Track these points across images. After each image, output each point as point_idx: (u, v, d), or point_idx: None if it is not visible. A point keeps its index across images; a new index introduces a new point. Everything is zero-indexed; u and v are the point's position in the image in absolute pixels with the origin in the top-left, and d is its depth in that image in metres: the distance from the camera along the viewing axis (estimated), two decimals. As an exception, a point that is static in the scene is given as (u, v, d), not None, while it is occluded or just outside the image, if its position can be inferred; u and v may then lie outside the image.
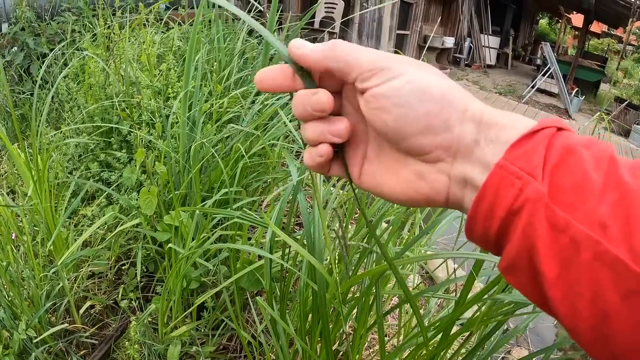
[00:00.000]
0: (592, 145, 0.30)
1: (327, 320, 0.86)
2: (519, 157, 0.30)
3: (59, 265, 1.41)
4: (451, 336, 0.92)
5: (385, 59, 0.35)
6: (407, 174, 0.37)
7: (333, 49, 0.36)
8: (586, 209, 0.27)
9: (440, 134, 0.33)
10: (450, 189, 0.35)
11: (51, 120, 2.62)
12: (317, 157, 0.38)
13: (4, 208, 1.55)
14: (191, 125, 1.55)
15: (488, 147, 0.32)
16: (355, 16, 8.02)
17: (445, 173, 0.34)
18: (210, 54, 2.19)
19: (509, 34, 14.85)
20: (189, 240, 1.22)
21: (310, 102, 0.36)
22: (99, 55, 2.19)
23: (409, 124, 0.33)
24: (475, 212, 0.31)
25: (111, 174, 1.86)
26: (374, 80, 0.34)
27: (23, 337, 1.31)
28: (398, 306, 1.11)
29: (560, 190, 0.28)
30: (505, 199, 0.30)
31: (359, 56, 0.35)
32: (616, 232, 0.26)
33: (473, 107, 0.34)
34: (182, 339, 1.34)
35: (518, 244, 0.29)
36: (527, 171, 0.29)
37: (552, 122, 0.32)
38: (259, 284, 1.20)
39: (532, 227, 0.28)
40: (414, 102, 0.33)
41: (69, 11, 4.10)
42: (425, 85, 0.33)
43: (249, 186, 1.74)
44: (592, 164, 0.29)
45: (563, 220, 0.27)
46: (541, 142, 0.30)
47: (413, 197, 0.37)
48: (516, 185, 0.29)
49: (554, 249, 0.28)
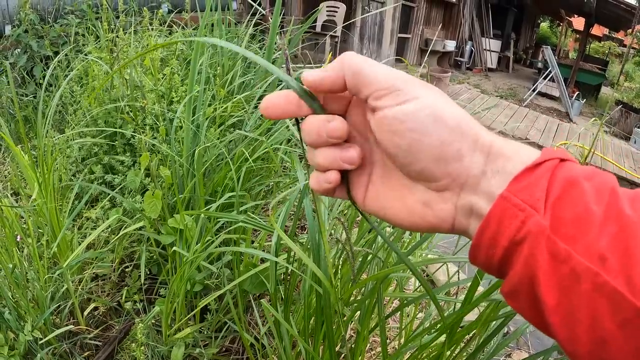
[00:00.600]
0: (593, 177, 0.31)
1: (331, 322, 0.87)
2: (522, 189, 0.31)
3: (64, 268, 1.42)
4: (457, 334, 0.93)
5: (398, 78, 0.35)
6: (414, 201, 0.37)
7: (349, 62, 0.36)
8: (586, 241, 0.28)
9: (451, 164, 0.34)
10: (456, 218, 0.35)
11: (54, 123, 2.64)
12: (325, 184, 0.38)
13: (8, 210, 1.57)
14: (195, 129, 1.57)
15: (494, 179, 0.33)
16: (356, 20, 8.04)
17: (452, 202, 0.35)
18: (213, 58, 2.20)
19: (510, 37, 14.86)
20: (194, 243, 1.24)
21: (326, 129, 0.37)
22: (103, 59, 2.21)
23: (422, 151, 0.34)
24: (479, 240, 0.32)
25: (114, 176, 1.88)
26: (388, 100, 0.34)
27: (29, 338, 1.32)
28: (399, 309, 1.12)
29: (562, 222, 0.29)
30: (509, 230, 0.31)
31: (374, 71, 0.35)
32: (615, 264, 0.27)
33: (483, 137, 0.34)
34: (186, 341, 1.35)
35: (520, 272, 0.30)
36: (530, 204, 0.30)
37: (555, 153, 0.33)
38: (262, 286, 1.21)
39: (533, 258, 0.29)
40: (430, 129, 0.33)
41: (73, 14, 4.12)
42: (440, 112, 0.34)
43: (252, 190, 1.75)
44: (594, 196, 0.30)
45: (564, 251, 0.28)
46: (544, 175, 0.31)
47: (418, 223, 0.37)
48: (519, 217, 0.30)
49: (555, 279, 0.29)
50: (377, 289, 0.89)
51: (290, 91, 0.38)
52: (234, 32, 2.65)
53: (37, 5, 4.17)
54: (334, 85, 0.36)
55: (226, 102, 1.80)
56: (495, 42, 13.57)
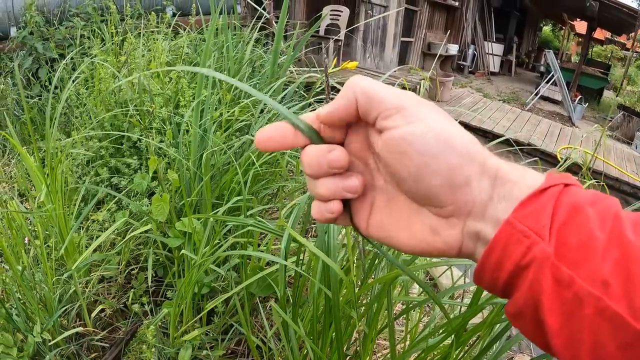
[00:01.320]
0: (597, 202, 0.32)
1: (340, 323, 0.89)
2: (527, 215, 0.31)
3: (73, 270, 1.44)
4: (464, 336, 0.94)
5: (407, 98, 0.35)
6: (421, 227, 0.37)
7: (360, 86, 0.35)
8: (590, 267, 0.29)
9: (459, 189, 0.34)
10: (464, 243, 0.36)
11: (60, 125, 2.65)
12: (327, 214, 0.38)
13: (17, 214, 1.58)
14: (202, 133, 1.58)
15: (500, 204, 0.33)
16: (360, 23, 8.06)
17: (459, 228, 0.35)
18: (218, 62, 2.22)
19: (513, 41, 14.87)
20: (202, 247, 1.25)
21: (327, 160, 0.36)
22: (110, 62, 2.23)
23: (430, 175, 0.34)
24: (484, 264, 0.33)
25: (121, 179, 1.89)
26: (396, 120, 0.34)
27: (38, 340, 1.33)
28: (405, 312, 1.13)
29: (566, 248, 0.30)
30: (514, 255, 0.31)
31: (384, 91, 0.35)
32: (617, 289, 0.28)
33: (490, 161, 0.35)
34: (193, 343, 1.37)
35: (524, 296, 0.31)
36: (535, 231, 0.31)
37: (560, 178, 0.33)
38: (269, 289, 1.22)
39: (538, 283, 0.30)
40: (438, 152, 0.33)
41: (78, 16, 4.14)
42: (449, 135, 0.34)
43: (258, 194, 1.76)
44: (597, 221, 0.30)
45: (568, 277, 0.29)
46: (549, 201, 0.32)
47: (425, 249, 0.37)
48: (524, 243, 0.31)
49: (558, 303, 0.30)
50: (385, 291, 0.91)
51: (285, 122, 0.38)
52: (239, 36, 2.66)
53: (42, 8, 4.19)
54: (348, 113, 0.36)
55: (232, 107, 1.81)
56: (497, 45, 13.59)
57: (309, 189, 0.39)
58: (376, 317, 1.02)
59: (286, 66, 1.98)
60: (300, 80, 1.84)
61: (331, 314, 0.94)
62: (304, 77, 1.80)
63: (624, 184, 6.65)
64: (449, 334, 0.96)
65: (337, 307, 0.86)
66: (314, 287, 1.00)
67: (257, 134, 0.38)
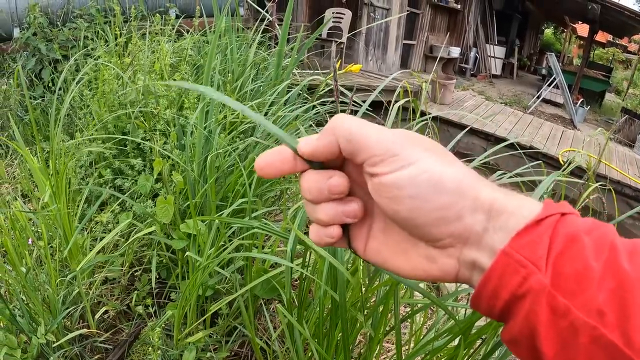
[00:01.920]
0: (594, 230, 0.32)
1: (347, 325, 0.89)
2: (524, 246, 0.32)
3: (77, 271, 1.44)
4: (470, 337, 0.94)
5: (394, 142, 0.34)
6: (417, 256, 0.37)
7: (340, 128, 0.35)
8: (585, 297, 0.29)
9: (452, 224, 0.34)
10: (460, 271, 0.36)
11: (63, 126, 2.65)
12: (326, 238, 0.38)
13: (21, 215, 1.59)
14: (206, 135, 1.59)
15: (497, 235, 0.33)
16: (362, 27, 8.07)
17: (455, 257, 0.35)
18: (222, 64, 2.22)
19: (515, 44, 14.88)
20: (207, 249, 1.25)
21: (327, 186, 0.36)
22: (114, 63, 2.23)
23: (423, 216, 0.34)
24: (481, 292, 0.34)
25: (124, 180, 1.89)
26: (384, 166, 0.34)
27: (42, 341, 1.33)
28: (410, 315, 1.13)
29: (562, 278, 0.30)
30: (510, 285, 0.32)
31: (367, 135, 0.34)
32: (612, 318, 0.28)
33: (484, 194, 0.34)
34: (197, 345, 1.37)
35: (520, 324, 0.32)
36: (532, 261, 0.31)
37: (557, 208, 0.33)
38: (274, 291, 1.22)
39: (534, 313, 0.31)
40: (429, 194, 0.33)
41: (81, 17, 4.15)
42: (439, 176, 0.34)
43: (262, 196, 1.77)
44: (593, 251, 0.31)
45: (563, 306, 0.30)
46: (546, 232, 0.32)
47: (421, 276, 0.38)
48: (521, 273, 0.31)
49: (554, 332, 0.30)
50: (391, 293, 0.91)
51: (284, 147, 0.38)
52: (242, 39, 2.67)
53: (46, 9, 4.20)
54: (330, 154, 0.36)
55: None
56: (499, 48, 13.60)
57: (308, 212, 0.39)
58: (382, 319, 1.02)
59: (290, 69, 1.98)
60: (303, 83, 1.84)
61: (337, 315, 0.94)
62: (308, 80, 1.81)
63: (626, 187, 6.65)
64: (455, 335, 0.96)
65: (344, 308, 0.86)
66: (320, 289, 1.00)
67: (257, 160, 0.38)
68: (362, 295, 0.95)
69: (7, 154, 3.07)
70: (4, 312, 1.30)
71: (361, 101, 1.47)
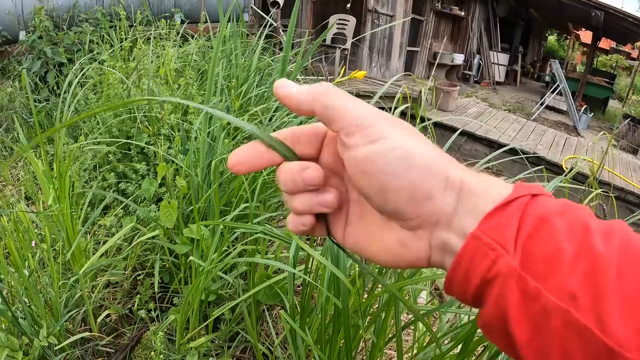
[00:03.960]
0: (566, 212, 0.32)
1: (350, 332, 0.89)
2: (492, 228, 0.31)
3: (80, 274, 1.44)
4: (471, 345, 0.94)
5: (372, 116, 0.35)
6: (390, 240, 0.37)
7: (325, 92, 0.36)
8: (557, 280, 0.29)
9: (422, 204, 0.34)
10: (432, 255, 0.36)
11: (67, 129, 2.66)
12: (301, 227, 0.39)
13: (24, 215, 1.59)
14: (210, 140, 1.59)
15: (466, 217, 0.33)
16: (366, 33, 8.09)
17: (426, 239, 0.35)
18: (227, 70, 2.23)
19: (518, 50, 14.88)
20: (211, 253, 1.25)
21: (302, 177, 0.37)
22: (119, 67, 2.25)
23: (393, 192, 0.34)
24: (452, 277, 0.33)
25: (128, 184, 1.90)
26: (359, 138, 0.34)
27: (44, 344, 1.33)
28: (413, 322, 1.13)
29: (533, 260, 0.30)
30: (479, 269, 0.31)
31: (350, 106, 0.35)
32: (585, 302, 0.28)
33: (454, 174, 0.34)
34: (199, 350, 1.37)
35: (491, 310, 0.31)
36: (500, 243, 0.31)
37: (527, 188, 0.33)
38: (276, 297, 1.22)
39: (504, 297, 0.30)
40: (399, 170, 0.33)
41: (87, 22, 4.17)
42: (410, 153, 0.34)
43: (266, 201, 1.77)
44: (565, 233, 0.30)
45: (534, 289, 0.29)
46: (515, 213, 0.31)
47: (397, 261, 0.38)
48: (489, 256, 0.31)
49: (526, 316, 0.30)
50: (392, 300, 0.91)
51: (257, 142, 0.38)
52: (246, 44, 2.68)
53: (51, 12, 4.23)
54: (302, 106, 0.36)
55: (241, 114, 1.82)
56: (503, 55, 13.60)
57: (285, 202, 0.40)
58: (385, 326, 1.01)
59: (294, 74, 1.98)
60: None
61: (339, 322, 0.94)
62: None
63: (630, 194, 6.63)
64: (458, 342, 0.96)
65: (346, 315, 0.86)
66: (322, 295, 1.00)
67: (230, 157, 0.38)
68: (361, 302, 0.95)
69: (11, 156, 3.08)
70: (6, 314, 1.30)
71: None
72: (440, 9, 11.26)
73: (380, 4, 8.84)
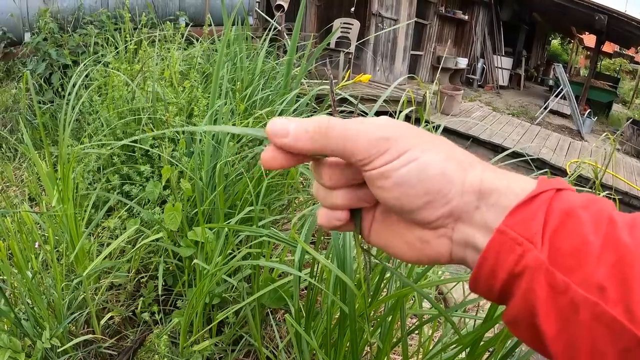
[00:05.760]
0: (590, 205, 0.32)
1: (356, 336, 0.88)
2: (518, 223, 0.31)
3: (84, 277, 1.44)
4: (479, 349, 0.94)
5: (384, 140, 0.34)
6: (412, 238, 0.38)
7: (326, 135, 0.35)
8: (585, 272, 0.29)
9: (440, 208, 0.34)
10: (453, 251, 0.36)
11: (72, 131, 2.67)
12: (335, 222, 0.39)
13: (28, 216, 1.59)
14: (215, 143, 1.59)
15: (489, 212, 0.33)
16: (370, 36, 8.10)
17: (448, 237, 0.36)
18: (231, 73, 2.23)
19: (522, 54, 14.89)
20: (215, 256, 1.25)
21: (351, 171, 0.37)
22: (124, 70, 2.25)
23: (410, 202, 0.34)
24: (478, 273, 0.33)
25: (132, 187, 1.90)
26: (375, 163, 0.34)
27: (47, 346, 1.33)
28: (418, 327, 1.12)
29: (560, 254, 0.30)
30: (507, 264, 0.31)
31: (355, 140, 0.35)
32: (613, 293, 0.27)
33: (471, 177, 0.35)
34: (202, 353, 1.36)
35: (519, 304, 0.31)
36: (527, 237, 0.31)
37: (551, 183, 0.33)
38: (280, 301, 1.22)
39: (532, 291, 0.30)
40: (414, 181, 0.34)
41: (92, 24, 4.18)
42: (424, 164, 0.34)
43: (271, 205, 1.76)
44: (591, 225, 0.30)
45: (562, 283, 0.29)
46: (540, 207, 0.31)
47: (419, 258, 0.38)
48: (516, 251, 0.31)
49: (554, 310, 0.29)
50: (399, 305, 0.90)
51: None
52: (251, 47, 2.68)
53: (56, 14, 4.24)
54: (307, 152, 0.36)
55: (245, 117, 1.82)
56: (506, 59, 13.61)
57: (321, 198, 0.40)
58: (390, 331, 1.01)
59: (299, 78, 1.98)
60: (312, 92, 1.85)
61: (345, 326, 0.94)
62: (317, 90, 1.81)
63: (634, 198, 6.61)
64: (464, 347, 0.95)
65: (353, 319, 0.86)
66: (327, 299, 1.00)
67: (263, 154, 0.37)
68: (366, 306, 0.94)
69: (15, 157, 3.09)
70: (9, 315, 1.30)
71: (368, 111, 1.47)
72: (444, 12, 11.28)
73: (384, 8, 8.86)
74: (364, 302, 0.93)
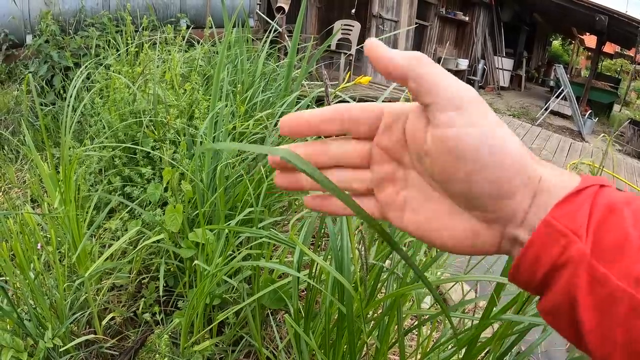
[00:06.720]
0: (632, 202, 0.32)
1: (354, 336, 0.89)
2: (564, 215, 0.32)
3: (85, 277, 1.45)
4: (474, 349, 0.94)
5: (470, 97, 0.33)
6: (462, 229, 0.36)
7: (420, 60, 0.34)
8: (624, 265, 0.29)
9: (503, 201, 0.33)
10: (502, 245, 0.36)
11: (74, 133, 2.68)
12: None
13: (30, 217, 1.60)
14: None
15: (540, 212, 0.33)
16: (371, 38, 8.10)
17: (498, 232, 0.35)
18: (232, 75, 2.24)
19: (523, 55, 14.88)
20: (216, 258, 1.26)
21: None
22: (125, 72, 2.26)
23: (479, 183, 0.33)
24: (520, 263, 0.34)
25: (133, 188, 1.91)
26: (454, 117, 0.33)
27: (49, 346, 1.34)
28: (417, 326, 1.13)
29: (602, 247, 0.30)
30: (550, 254, 0.32)
31: (447, 81, 0.33)
32: None
33: (534, 172, 0.34)
34: (203, 354, 1.37)
35: (560, 294, 0.32)
36: (572, 229, 0.31)
37: (595, 180, 0.34)
38: (280, 302, 1.23)
39: (574, 282, 0.31)
40: (491, 162, 0.32)
41: (93, 26, 4.19)
42: (503, 145, 0.33)
43: (271, 206, 1.78)
44: (632, 220, 0.31)
45: (603, 275, 0.30)
46: (586, 201, 0.32)
47: (464, 248, 0.37)
48: (561, 242, 0.31)
49: (594, 301, 0.30)
50: (396, 305, 0.91)
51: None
52: (252, 50, 2.69)
53: (58, 17, 4.24)
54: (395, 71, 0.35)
55: (246, 119, 1.83)
56: (507, 60, 13.60)
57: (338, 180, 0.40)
58: (388, 331, 1.02)
59: (300, 80, 1.99)
60: (313, 94, 1.86)
61: (343, 326, 0.95)
62: (317, 92, 1.82)
63: (635, 200, 6.58)
64: (460, 347, 0.96)
65: (350, 320, 0.87)
66: (326, 300, 1.01)
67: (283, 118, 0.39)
68: (362, 307, 0.96)
69: (17, 159, 3.10)
70: (12, 315, 1.31)
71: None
72: (444, 14, 11.27)
73: (384, 10, 8.87)
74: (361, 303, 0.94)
